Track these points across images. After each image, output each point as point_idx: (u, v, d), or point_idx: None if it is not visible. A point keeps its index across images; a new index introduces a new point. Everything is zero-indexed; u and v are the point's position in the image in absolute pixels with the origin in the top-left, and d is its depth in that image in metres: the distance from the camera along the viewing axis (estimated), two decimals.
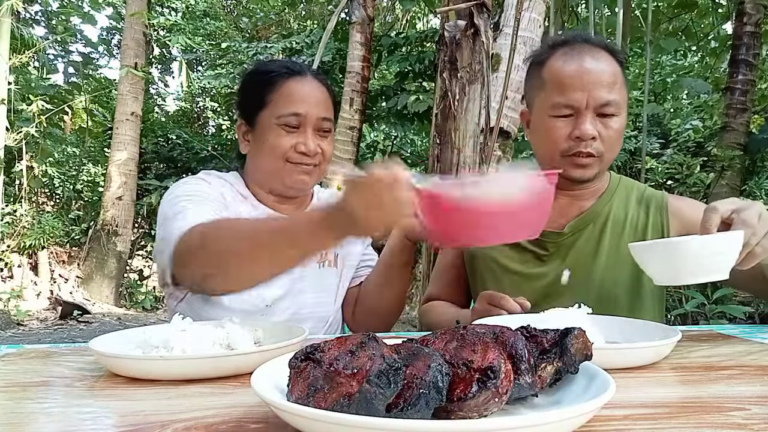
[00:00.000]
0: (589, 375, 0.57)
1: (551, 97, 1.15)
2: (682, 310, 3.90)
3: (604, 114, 1.13)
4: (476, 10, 3.43)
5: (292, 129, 1.20)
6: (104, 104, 10.57)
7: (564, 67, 1.15)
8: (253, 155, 1.26)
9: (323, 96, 1.24)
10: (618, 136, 1.16)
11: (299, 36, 8.34)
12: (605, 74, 1.13)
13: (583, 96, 1.12)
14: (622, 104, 1.15)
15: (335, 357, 0.51)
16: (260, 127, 1.22)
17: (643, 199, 1.26)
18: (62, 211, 9.33)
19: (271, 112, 1.20)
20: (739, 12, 5.22)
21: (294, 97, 1.20)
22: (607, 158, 1.17)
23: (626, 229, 1.23)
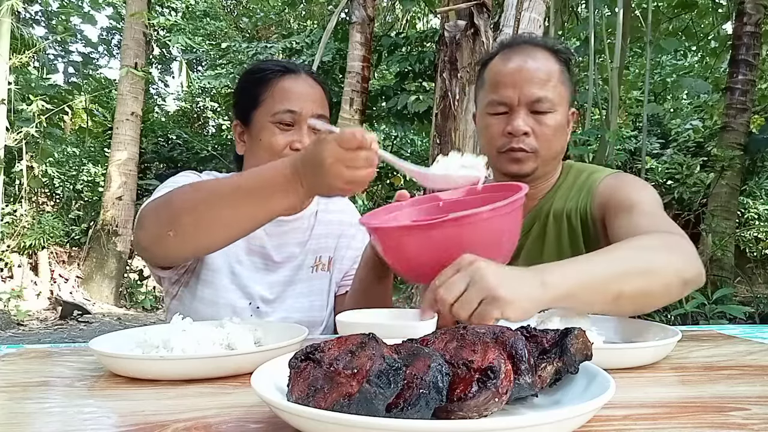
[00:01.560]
0: (589, 375, 0.57)
1: (488, 95, 1.18)
2: (682, 310, 3.90)
3: (538, 111, 1.14)
4: (476, 10, 3.43)
5: (286, 127, 1.19)
6: (104, 104, 10.57)
7: (501, 66, 1.18)
8: (249, 155, 1.25)
9: (318, 94, 1.24)
10: (553, 132, 1.16)
11: (299, 36, 8.34)
12: (539, 72, 1.14)
13: (515, 93, 1.14)
14: (558, 101, 1.16)
15: (335, 357, 0.51)
16: (255, 127, 1.22)
17: (585, 185, 1.21)
18: (62, 211, 9.33)
19: (265, 110, 1.20)
20: (739, 12, 5.23)
21: (288, 95, 1.20)
22: (543, 154, 1.16)
23: (563, 222, 1.20)
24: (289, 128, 1.19)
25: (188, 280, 1.21)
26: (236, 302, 1.20)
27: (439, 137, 3.56)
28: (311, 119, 1.17)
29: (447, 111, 3.51)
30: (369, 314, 1.03)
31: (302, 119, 1.20)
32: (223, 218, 0.93)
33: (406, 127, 7.22)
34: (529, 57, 1.16)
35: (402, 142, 9.26)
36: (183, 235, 0.95)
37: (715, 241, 5.23)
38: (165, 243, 0.98)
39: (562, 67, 1.18)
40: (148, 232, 1.01)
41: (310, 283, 1.29)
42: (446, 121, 3.50)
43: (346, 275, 1.37)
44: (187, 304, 1.21)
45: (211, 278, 1.20)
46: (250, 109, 1.23)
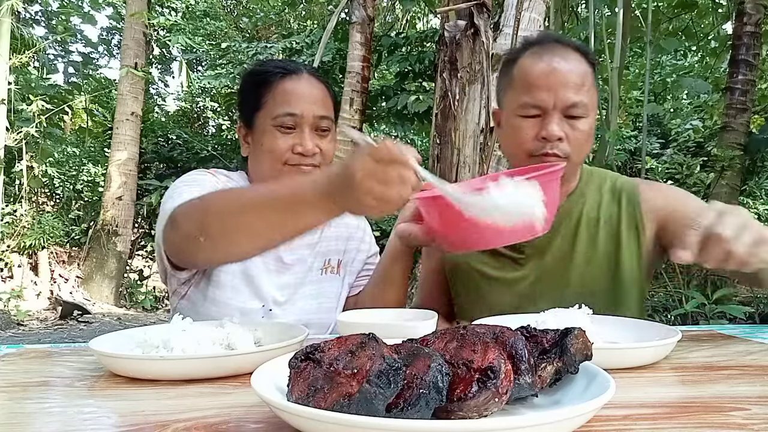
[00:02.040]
0: (589, 375, 0.57)
1: (519, 96, 1.15)
2: (682, 310, 3.90)
3: (572, 115, 1.12)
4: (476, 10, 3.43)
5: (288, 130, 1.18)
6: (104, 104, 10.57)
7: (532, 66, 1.14)
8: (253, 158, 1.25)
9: (320, 94, 1.22)
10: (586, 137, 1.15)
11: (299, 36, 8.34)
12: (573, 75, 1.12)
13: (550, 96, 1.11)
14: (591, 106, 1.14)
15: (335, 357, 0.51)
16: (257, 130, 1.21)
17: (616, 191, 1.24)
18: (62, 211, 9.33)
19: (266, 113, 1.19)
20: (739, 12, 5.22)
21: (289, 97, 1.18)
22: (574, 159, 1.16)
23: (600, 225, 1.21)
24: (291, 131, 1.18)
25: (199, 280, 1.20)
26: (248, 304, 1.19)
27: (439, 137, 3.57)
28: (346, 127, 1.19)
29: (447, 111, 3.51)
30: (369, 314, 1.03)
31: (304, 122, 1.18)
32: (253, 228, 0.91)
33: (406, 127, 7.22)
34: (561, 58, 1.13)
35: (402, 142, 9.24)
36: (213, 241, 0.94)
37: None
38: (195, 247, 0.97)
39: (592, 70, 1.17)
40: (179, 234, 1.00)
41: (319, 285, 1.28)
42: (446, 121, 3.51)
43: (358, 276, 1.37)
44: (198, 304, 1.19)
45: (223, 279, 1.18)
46: (252, 111, 1.22)
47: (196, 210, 0.97)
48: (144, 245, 9.62)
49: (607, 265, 1.20)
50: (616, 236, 1.20)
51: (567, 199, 1.24)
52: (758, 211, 8.08)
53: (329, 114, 1.23)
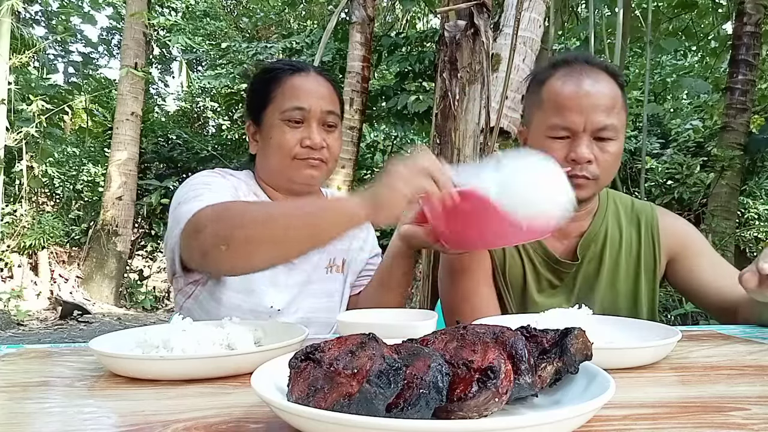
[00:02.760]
0: (589, 375, 0.57)
1: (549, 118, 1.14)
2: (682, 310, 3.90)
3: (602, 138, 1.12)
4: (476, 10, 3.43)
5: (296, 124, 1.20)
6: (104, 104, 10.57)
7: (563, 88, 1.13)
8: (261, 154, 1.26)
9: (327, 91, 1.24)
10: (614, 159, 1.14)
11: (299, 36, 8.34)
12: (604, 98, 1.11)
13: (581, 119, 1.10)
14: (620, 128, 1.14)
15: (335, 357, 0.51)
16: (266, 125, 1.23)
17: (633, 215, 1.28)
18: (62, 211, 9.33)
19: (275, 108, 1.21)
20: (739, 12, 5.22)
21: (297, 92, 1.21)
22: (603, 181, 1.16)
23: (623, 248, 1.24)
24: (299, 125, 1.20)
25: (206, 280, 1.20)
26: (255, 304, 1.19)
27: (439, 137, 3.56)
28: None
29: (447, 111, 3.51)
30: (369, 314, 1.03)
31: (311, 116, 1.20)
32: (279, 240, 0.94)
33: (406, 127, 7.21)
34: (592, 80, 1.13)
35: (402, 142, 9.25)
36: (236, 251, 0.94)
37: (715, 241, 5.23)
38: (217, 255, 0.97)
39: (621, 92, 1.16)
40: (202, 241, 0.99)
41: (324, 284, 1.29)
42: (446, 121, 3.50)
43: (360, 276, 1.38)
44: (204, 303, 1.19)
45: (230, 279, 1.18)
46: (261, 108, 1.24)
47: (221, 218, 0.97)
48: (144, 245, 9.62)
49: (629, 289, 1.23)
50: (636, 260, 1.24)
51: (592, 223, 1.25)
52: (758, 211, 8.08)
53: (336, 110, 1.25)
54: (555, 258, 1.23)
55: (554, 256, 1.23)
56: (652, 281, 1.25)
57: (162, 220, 9.32)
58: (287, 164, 1.21)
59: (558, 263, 1.24)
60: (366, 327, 0.62)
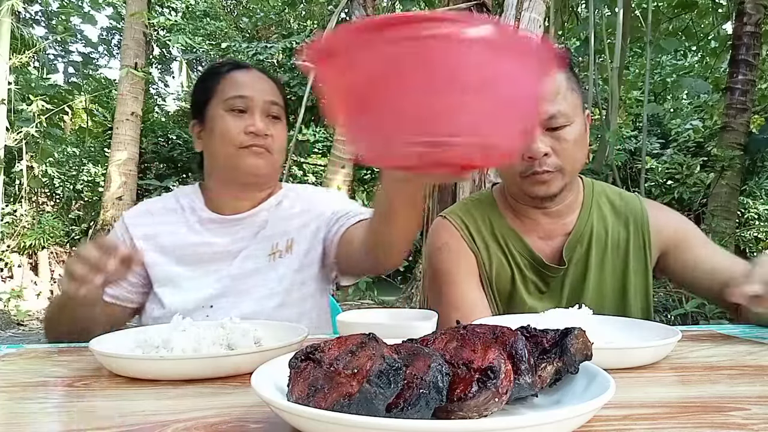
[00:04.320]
0: (589, 375, 0.57)
1: None
2: (682, 310, 3.90)
3: (554, 127, 1.07)
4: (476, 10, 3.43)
5: (239, 113, 1.20)
6: (104, 104, 10.57)
7: None
8: (207, 150, 1.26)
9: (269, 84, 1.25)
10: (574, 145, 1.09)
11: (299, 36, 8.35)
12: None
13: None
14: (572, 112, 1.09)
15: (335, 357, 0.51)
16: (210, 119, 1.23)
17: (621, 211, 1.22)
18: (62, 211, 9.33)
19: (217, 99, 1.22)
20: (739, 12, 5.22)
21: (239, 82, 1.22)
22: (568, 170, 1.11)
23: (609, 247, 1.19)
24: (242, 115, 1.20)
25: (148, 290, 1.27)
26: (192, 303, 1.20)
27: None
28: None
29: None
30: (369, 314, 1.03)
31: (254, 105, 1.21)
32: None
33: None
34: None
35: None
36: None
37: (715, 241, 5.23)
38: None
39: (567, 74, 1.11)
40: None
41: (269, 272, 1.24)
42: None
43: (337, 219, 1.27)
44: (149, 310, 1.25)
45: (160, 296, 1.22)
46: (203, 103, 1.24)
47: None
48: None
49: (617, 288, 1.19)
50: (625, 258, 1.19)
51: (577, 222, 1.20)
52: (758, 211, 8.09)
53: (279, 101, 1.25)
54: (541, 261, 1.19)
55: (540, 260, 1.19)
56: (644, 278, 1.20)
57: None
58: (232, 153, 1.20)
59: (544, 267, 1.19)
60: (366, 327, 0.62)
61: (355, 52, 0.53)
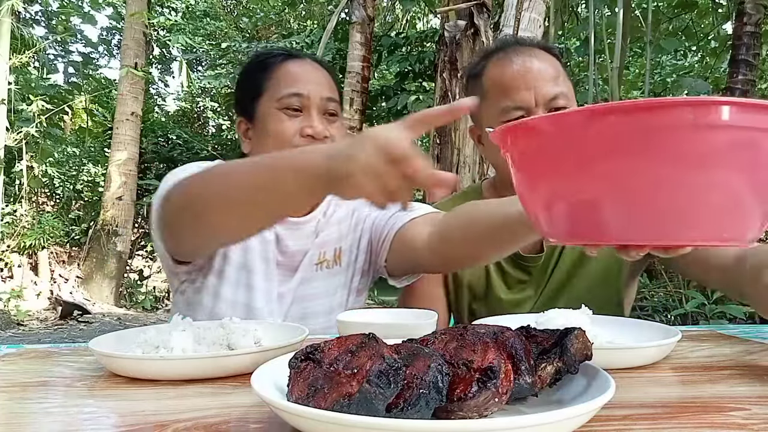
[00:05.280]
0: (589, 375, 0.57)
1: (498, 103, 1.11)
2: (682, 310, 3.90)
3: (557, 108, 1.09)
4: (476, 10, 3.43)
5: (294, 112, 1.10)
6: (104, 104, 10.58)
7: (504, 70, 1.12)
8: (257, 151, 1.15)
9: (325, 77, 1.15)
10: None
11: (299, 36, 8.35)
12: (547, 69, 1.10)
13: (530, 94, 1.09)
14: (570, 96, 1.13)
15: (335, 357, 0.51)
16: (260, 118, 1.13)
17: None
18: (62, 211, 9.34)
19: (270, 97, 1.11)
20: (739, 12, 5.22)
21: (294, 78, 1.11)
22: None
23: None
24: (298, 114, 1.11)
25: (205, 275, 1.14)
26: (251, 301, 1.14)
27: (439, 137, 3.57)
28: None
29: None
30: (369, 314, 1.03)
31: (311, 103, 1.11)
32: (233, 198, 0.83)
33: None
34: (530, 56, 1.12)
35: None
36: (195, 218, 0.87)
37: None
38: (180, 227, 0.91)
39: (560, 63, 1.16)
40: (168, 212, 0.92)
41: (317, 282, 1.20)
42: None
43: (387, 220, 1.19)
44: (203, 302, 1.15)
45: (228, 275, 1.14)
46: (253, 99, 1.14)
47: (183, 183, 0.90)
48: (144, 245, 9.62)
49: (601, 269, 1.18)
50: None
51: None
52: None
53: (336, 97, 1.16)
54: (518, 253, 1.18)
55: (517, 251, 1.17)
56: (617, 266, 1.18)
57: None
58: None
59: (522, 258, 1.19)
60: (366, 327, 0.62)
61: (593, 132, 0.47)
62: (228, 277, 1.15)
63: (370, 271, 1.27)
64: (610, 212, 0.48)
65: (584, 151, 0.48)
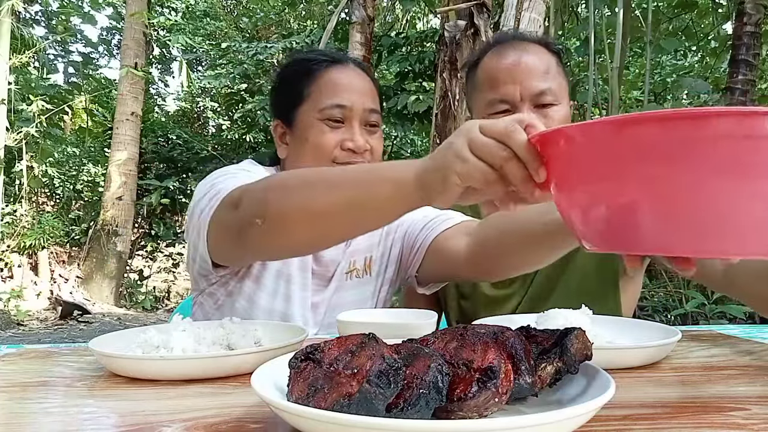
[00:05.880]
0: (589, 375, 0.57)
1: (486, 94, 1.13)
2: (682, 310, 3.91)
3: (542, 104, 1.10)
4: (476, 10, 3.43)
5: (336, 124, 1.08)
6: (104, 104, 10.58)
7: (495, 63, 1.13)
8: (294, 158, 1.13)
9: (368, 86, 1.13)
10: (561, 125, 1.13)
11: (299, 36, 8.35)
12: (537, 64, 1.10)
13: (515, 88, 1.09)
14: (560, 93, 1.12)
15: (335, 357, 0.51)
16: (300, 125, 1.11)
17: None
18: (62, 211, 9.34)
19: (311, 106, 1.09)
20: (739, 12, 5.22)
21: (337, 87, 1.09)
22: None
23: None
24: (340, 125, 1.09)
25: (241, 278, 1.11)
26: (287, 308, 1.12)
27: (439, 137, 3.57)
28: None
29: (447, 111, 3.51)
30: (369, 314, 1.03)
31: (353, 115, 1.09)
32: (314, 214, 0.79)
33: (406, 127, 7.23)
34: (522, 51, 1.13)
35: (402, 142, 9.26)
36: (271, 225, 0.82)
37: None
38: (252, 232, 0.85)
39: (556, 59, 1.16)
40: (238, 215, 0.87)
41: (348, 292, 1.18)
42: (446, 121, 3.51)
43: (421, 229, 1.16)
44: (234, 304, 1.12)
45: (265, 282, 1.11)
46: (292, 106, 1.12)
47: (258, 188, 0.86)
48: (144, 245, 9.62)
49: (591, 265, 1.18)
50: None
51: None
52: None
53: (377, 107, 1.14)
54: None
55: None
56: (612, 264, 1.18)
57: (162, 220, 9.32)
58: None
59: None
60: (366, 327, 0.62)
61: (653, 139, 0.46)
62: (265, 285, 1.12)
63: (396, 281, 1.26)
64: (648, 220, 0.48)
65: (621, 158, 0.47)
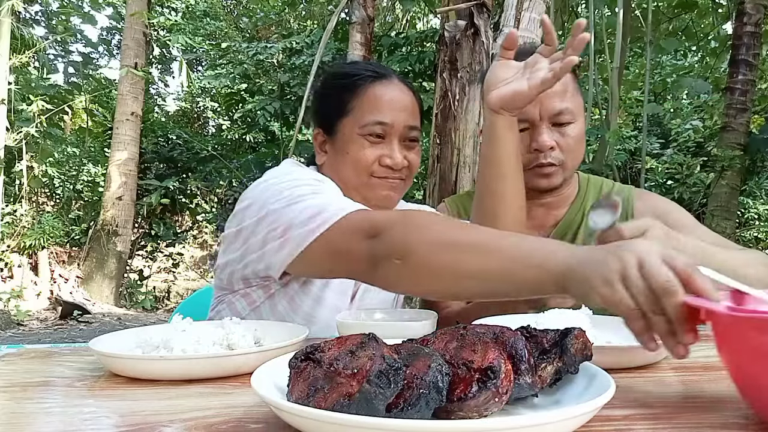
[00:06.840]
0: (589, 375, 0.57)
1: None
2: None
3: (560, 123, 1.14)
4: (476, 10, 3.43)
5: (377, 139, 1.11)
6: (104, 104, 10.58)
7: None
8: (332, 168, 1.16)
9: (410, 102, 1.16)
10: (576, 142, 1.16)
11: (299, 36, 8.35)
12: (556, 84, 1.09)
13: (536, 108, 1.12)
14: (576, 111, 1.16)
15: (335, 357, 0.51)
16: (341, 137, 1.14)
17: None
18: (62, 211, 9.34)
19: (353, 120, 1.12)
20: (739, 12, 5.22)
21: (379, 104, 1.12)
22: (569, 165, 1.17)
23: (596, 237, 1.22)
24: (380, 141, 1.12)
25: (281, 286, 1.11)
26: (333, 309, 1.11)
27: (439, 137, 3.56)
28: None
29: (447, 111, 3.51)
30: (369, 314, 1.03)
31: (393, 132, 1.12)
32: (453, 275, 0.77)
33: None
34: None
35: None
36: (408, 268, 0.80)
37: None
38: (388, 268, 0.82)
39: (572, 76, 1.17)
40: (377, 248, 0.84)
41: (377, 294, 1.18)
42: (446, 121, 3.50)
43: None
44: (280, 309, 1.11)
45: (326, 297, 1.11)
46: (335, 117, 1.14)
47: (407, 226, 0.83)
48: (144, 245, 9.62)
49: None
50: None
51: (568, 212, 1.25)
52: (758, 211, 8.09)
53: (417, 123, 1.17)
54: None
55: None
56: None
57: (162, 220, 9.32)
58: (364, 182, 1.12)
59: None
60: (366, 327, 0.62)
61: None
62: (332, 283, 1.12)
63: None
64: None
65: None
